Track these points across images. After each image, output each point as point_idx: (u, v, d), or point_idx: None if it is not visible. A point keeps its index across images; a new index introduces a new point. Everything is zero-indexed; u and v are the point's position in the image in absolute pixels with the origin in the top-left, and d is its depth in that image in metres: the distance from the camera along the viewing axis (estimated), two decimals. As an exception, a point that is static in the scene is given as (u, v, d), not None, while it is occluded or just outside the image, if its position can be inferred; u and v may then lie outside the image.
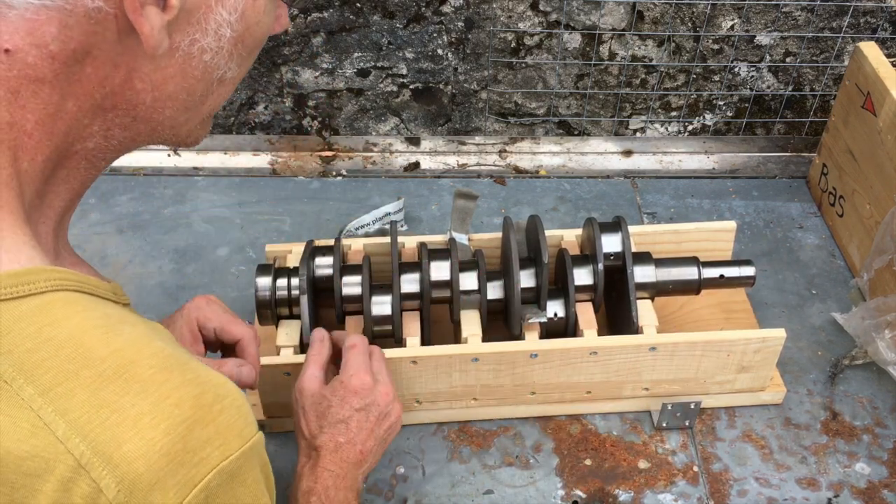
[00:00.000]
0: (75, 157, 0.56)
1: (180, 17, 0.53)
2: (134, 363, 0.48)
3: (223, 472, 0.49)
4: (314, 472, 0.82)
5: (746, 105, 1.47)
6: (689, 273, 1.05)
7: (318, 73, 1.41)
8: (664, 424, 1.05)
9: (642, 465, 1.01)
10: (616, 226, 1.04)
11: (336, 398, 0.85)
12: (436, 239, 1.10)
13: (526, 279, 1.01)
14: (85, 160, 0.57)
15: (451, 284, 1.01)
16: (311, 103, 1.45)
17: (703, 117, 1.49)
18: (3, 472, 0.45)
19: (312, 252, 1.03)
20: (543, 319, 0.99)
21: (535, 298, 1.01)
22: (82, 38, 0.51)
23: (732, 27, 1.36)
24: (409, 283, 1.01)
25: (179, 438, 0.47)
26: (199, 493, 0.48)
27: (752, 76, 1.43)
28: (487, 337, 1.00)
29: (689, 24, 1.36)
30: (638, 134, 1.50)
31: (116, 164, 1.42)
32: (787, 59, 1.41)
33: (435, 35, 1.37)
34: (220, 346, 0.89)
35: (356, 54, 1.38)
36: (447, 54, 1.39)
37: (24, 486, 0.45)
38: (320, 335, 0.93)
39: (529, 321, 0.98)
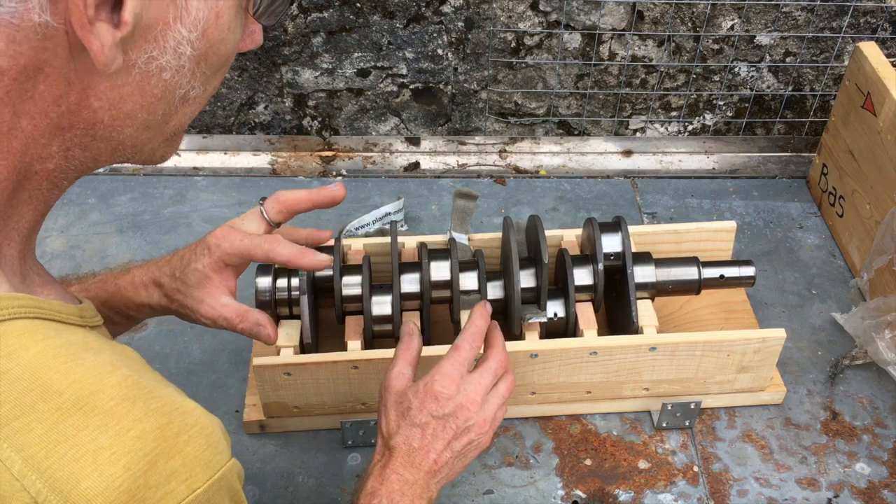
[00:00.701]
0: (36, 178, 0.54)
1: (135, 33, 0.51)
2: (94, 394, 0.47)
3: None
4: (382, 474, 0.78)
5: (746, 105, 1.47)
6: (689, 273, 1.05)
7: (318, 73, 1.41)
8: (664, 424, 1.05)
9: (642, 465, 1.01)
10: (616, 226, 1.04)
11: (416, 400, 0.80)
12: (436, 239, 1.10)
13: (526, 279, 1.01)
14: (46, 181, 0.55)
15: (451, 284, 1.01)
16: (311, 103, 1.45)
17: (703, 117, 1.49)
18: None
19: (312, 252, 1.03)
20: (543, 319, 0.99)
21: (535, 298, 1.01)
22: (32, 53, 0.49)
23: (732, 27, 1.36)
24: (409, 283, 1.01)
25: (141, 473, 0.46)
26: None
27: (752, 76, 1.43)
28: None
29: (689, 24, 1.36)
30: (638, 134, 1.50)
31: (116, 163, 1.42)
32: (787, 59, 1.41)
33: (435, 35, 1.37)
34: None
35: (356, 54, 1.38)
36: (447, 54, 1.39)
37: None
38: (410, 329, 0.87)
39: (529, 321, 0.98)
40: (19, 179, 0.53)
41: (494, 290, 1.03)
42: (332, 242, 1.06)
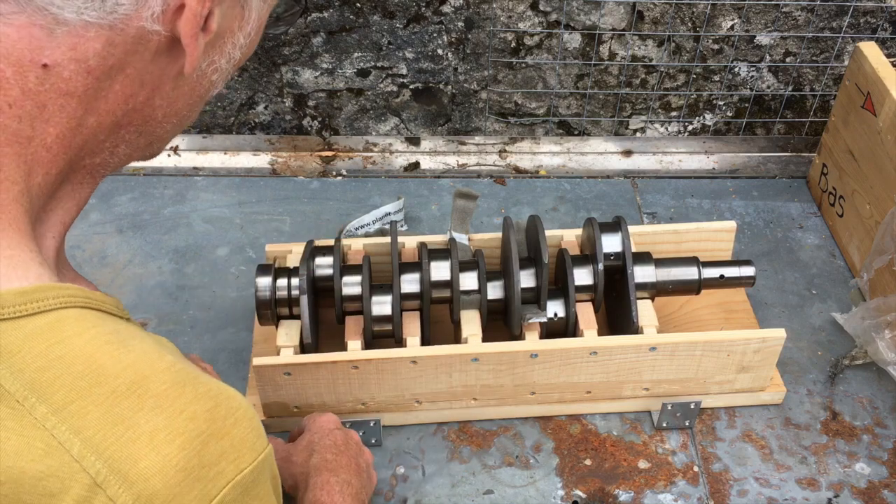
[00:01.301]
0: (81, 172, 0.56)
1: (212, 40, 0.54)
2: (147, 378, 0.48)
3: (238, 485, 0.49)
4: (317, 484, 0.82)
5: (746, 105, 1.47)
6: (689, 273, 1.05)
7: (318, 73, 1.41)
8: (664, 424, 1.05)
9: (642, 465, 1.01)
10: (616, 226, 1.04)
11: (314, 435, 0.89)
12: (436, 239, 1.10)
13: (526, 279, 1.01)
14: (89, 174, 0.57)
15: (451, 284, 1.01)
16: (311, 103, 1.45)
17: (703, 117, 1.49)
18: (18, 493, 0.45)
19: (312, 252, 1.03)
20: (543, 319, 0.99)
21: (535, 298, 1.01)
22: (122, 56, 0.51)
23: (732, 27, 1.36)
24: (409, 283, 1.01)
25: (195, 453, 0.47)
26: None
27: (752, 76, 1.43)
28: (487, 337, 1.00)
29: (689, 24, 1.36)
30: (638, 134, 1.50)
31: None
32: (787, 59, 1.41)
33: (435, 35, 1.37)
34: None
35: (356, 54, 1.38)
36: (447, 54, 1.39)
37: None
38: None
39: (529, 321, 0.98)
40: (67, 172, 0.55)
41: (494, 290, 1.03)
42: (332, 242, 1.06)
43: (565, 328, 1.02)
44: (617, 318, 1.06)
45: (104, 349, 0.48)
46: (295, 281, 1.00)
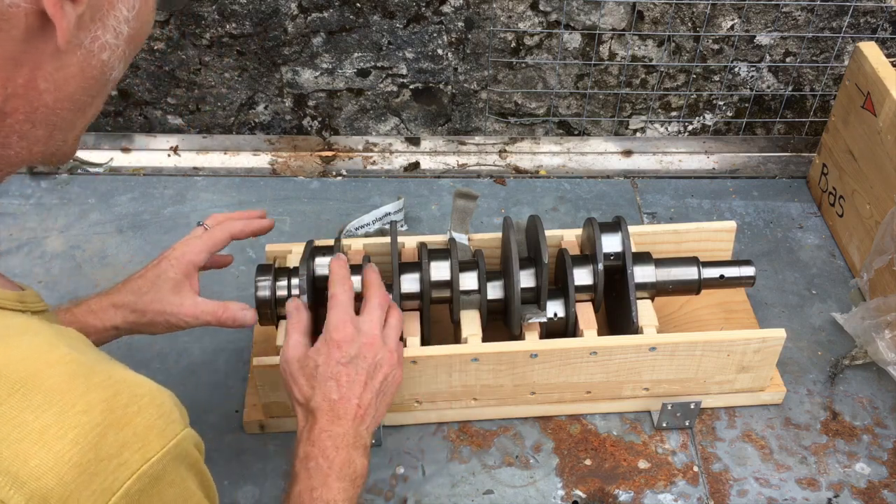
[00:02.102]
0: None
1: (86, 12, 0.51)
2: (34, 374, 0.46)
3: (145, 475, 0.47)
4: (311, 436, 0.79)
5: (746, 105, 1.47)
6: (689, 273, 1.05)
7: (318, 73, 1.41)
8: (664, 424, 1.05)
9: (642, 465, 1.01)
10: (616, 226, 1.04)
11: (321, 356, 0.82)
12: (436, 239, 1.10)
13: (526, 279, 1.01)
14: None
15: (451, 284, 1.01)
16: (311, 103, 1.45)
17: (703, 117, 1.49)
18: None
19: (312, 252, 1.03)
20: (543, 319, 0.99)
21: (535, 298, 1.01)
22: None
23: (732, 27, 1.36)
24: (409, 283, 1.01)
25: (91, 447, 0.45)
26: (120, 501, 0.46)
27: (752, 76, 1.43)
28: (487, 337, 1.00)
29: (689, 24, 1.36)
30: (638, 134, 1.50)
31: (116, 163, 1.42)
32: (787, 59, 1.41)
33: (435, 35, 1.37)
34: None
35: (356, 54, 1.38)
36: (447, 54, 1.39)
37: None
38: (295, 304, 0.92)
39: (529, 321, 0.98)
40: None
41: (494, 290, 1.03)
42: (332, 242, 1.06)
43: (565, 328, 1.02)
44: (617, 318, 1.06)
45: None
46: (295, 281, 1.00)
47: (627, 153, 1.48)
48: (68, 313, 0.88)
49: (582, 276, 1.03)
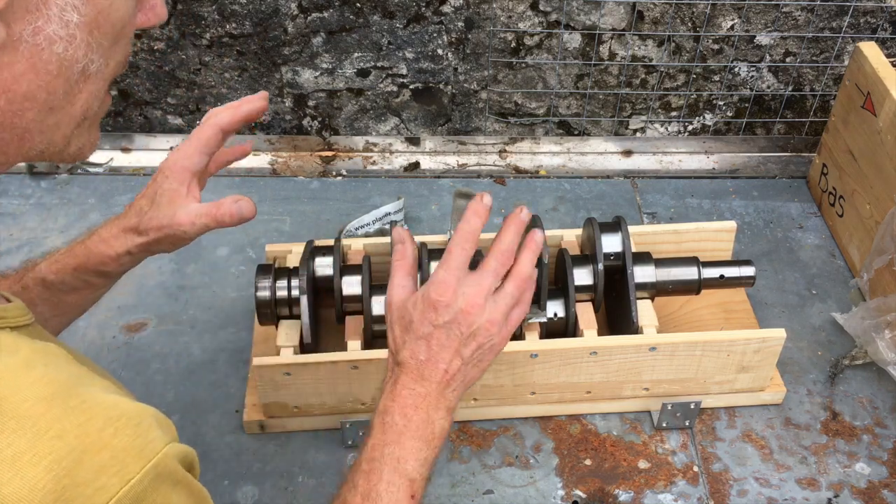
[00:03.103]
0: None
1: (15, 3, 0.48)
2: (6, 398, 0.45)
3: (125, 498, 0.46)
4: (394, 391, 0.76)
5: (746, 105, 1.47)
6: (689, 273, 1.05)
7: (318, 73, 1.41)
8: (664, 424, 1.05)
9: (642, 465, 1.01)
10: (616, 226, 1.04)
11: (417, 312, 0.76)
12: (436, 239, 1.10)
13: (526, 279, 1.00)
14: None
15: (451, 284, 1.01)
16: (311, 103, 1.45)
17: (703, 117, 1.49)
18: None
19: (312, 252, 1.03)
20: (543, 319, 0.99)
21: (535, 298, 1.01)
22: None
23: (732, 27, 1.36)
24: (409, 283, 1.01)
25: (66, 473, 0.44)
26: None
27: (752, 76, 1.43)
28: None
29: (689, 24, 1.36)
30: (638, 134, 1.50)
31: (116, 163, 1.42)
32: (787, 59, 1.41)
33: (435, 35, 1.37)
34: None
35: (356, 54, 1.38)
36: (447, 54, 1.39)
37: None
38: (400, 235, 0.83)
39: (529, 321, 0.98)
40: None
41: (494, 290, 1.03)
42: (332, 242, 1.06)
43: (565, 328, 1.02)
44: (617, 318, 1.06)
45: None
46: (295, 281, 1.00)
47: (627, 153, 1.48)
48: (82, 245, 0.86)
49: (582, 276, 1.03)
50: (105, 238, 0.85)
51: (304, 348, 1.00)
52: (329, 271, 1.02)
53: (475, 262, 1.02)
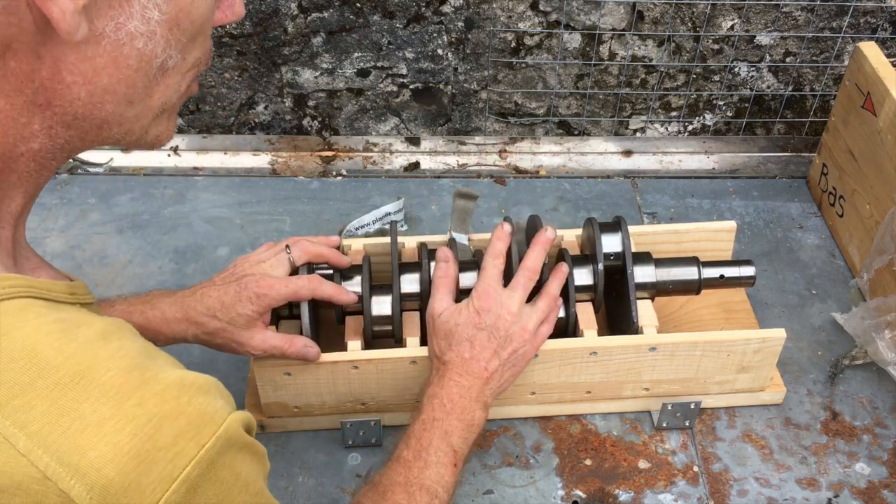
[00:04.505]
0: (22, 160, 0.54)
1: (96, 1, 0.50)
2: (91, 368, 0.48)
3: (202, 461, 0.49)
4: (441, 382, 0.88)
5: (746, 105, 1.47)
6: (689, 273, 1.05)
7: (318, 73, 1.41)
8: (664, 424, 1.05)
9: (642, 465, 1.01)
10: (616, 226, 1.04)
11: (462, 317, 0.91)
12: (436, 239, 1.10)
13: (526, 279, 1.00)
14: (33, 162, 0.55)
15: (451, 284, 1.01)
16: (311, 103, 1.45)
17: (703, 117, 1.49)
18: None
19: (312, 252, 1.03)
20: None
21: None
22: None
23: (732, 27, 1.36)
24: (409, 283, 1.01)
25: (148, 438, 0.47)
26: (180, 487, 0.48)
27: (752, 76, 1.43)
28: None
29: (689, 24, 1.36)
30: (638, 134, 1.50)
31: (116, 163, 1.42)
32: (787, 59, 1.41)
33: (435, 35, 1.37)
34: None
35: (356, 54, 1.38)
36: (447, 54, 1.39)
37: None
38: (445, 255, 0.97)
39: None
40: (5, 161, 0.53)
41: (494, 290, 1.03)
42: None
43: (565, 328, 1.02)
44: (617, 318, 1.06)
45: (45, 340, 0.48)
46: (295, 281, 1.00)
47: (627, 153, 1.48)
48: (141, 312, 0.90)
49: (582, 276, 1.03)
50: (168, 318, 0.90)
51: (304, 348, 1.00)
52: (329, 271, 1.02)
53: (475, 263, 1.03)
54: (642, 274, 1.03)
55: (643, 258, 1.04)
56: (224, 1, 0.60)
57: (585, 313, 1.03)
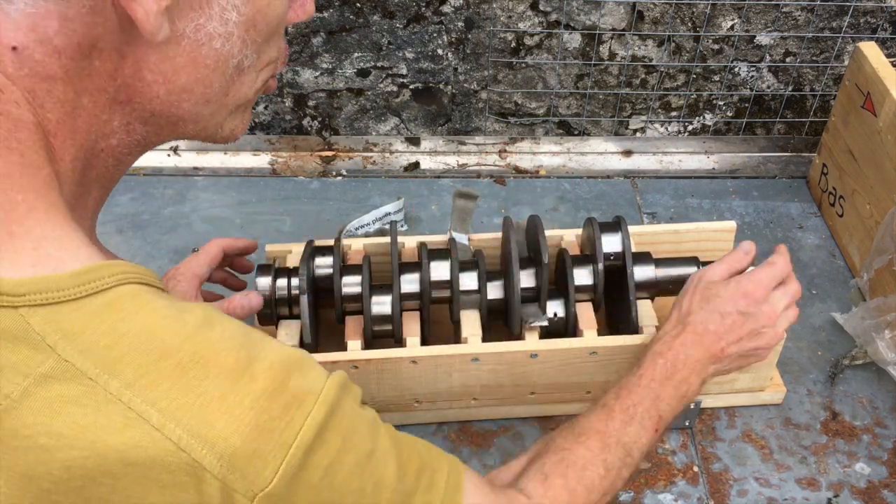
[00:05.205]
0: (102, 155, 0.56)
1: (181, 1, 0.51)
2: (206, 349, 0.51)
3: (312, 426, 0.53)
4: (671, 343, 0.86)
5: (746, 105, 1.47)
6: (689, 273, 1.05)
7: (318, 73, 1.41)
8: (664, 424, 1.05)
9: (642, 464, 1.01)
10: (616, 226, 1.04)
11: (726, 292, 0.88)
12: (436, 239, 1.10)
13: (526, 279, 1.01)
14: (112, 157, 0.57)
15: (451, 284, 1.01)
16: (311, 103, 1.45)
17: (703, 117, 1.49)
18: (104, 464, 0.47)
19: (312, 252, 1.03)
20: (545, 323, 0.99)
21: (535, 298, 1.01)
22: (84, 30, 0.49)
23: (732, 27, 1.36)
24: (409, 283, 1.01)
25: (263, 410, 0.51)
26: (297, 451, 0.52)
27: (752, 76, 1.43)
28: (487, 337, 1.00)
29: (689, 24, 1.36)
30: (638, 134, 1.50)
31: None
32: (787, 59, 1.41)
33: (435, 35, 1.37)
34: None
35: (356, 54, 1.38)
36: (447, 54, 1.39)
37: (126, 475, 0.48)
38: (748, 248, 0.95)
39: (531, 324, 0.98)
40: (88, 157, 0.55)
41: (494, 290, 1.03)
42: (332, 242, 1.06)
43: (565, 328, 1.02)
44: (617, 318, 1.06)
45: (163, 324, 0.50)
46: (295, 281, 1.00)
47: (627, 153, 1.48)
48: None
49: (582, 276, 1.03)
50: None
51: (303, 348, 1.00)
52: (329, 271, 1.02)
53: (474, 262, 1.03)
54: (642, 274, 1.03)
55: (643, 258, 1.04)
56: (296, 0, 0.61)
57: (585, 313, 1.03)
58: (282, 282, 1.01)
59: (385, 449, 0.61)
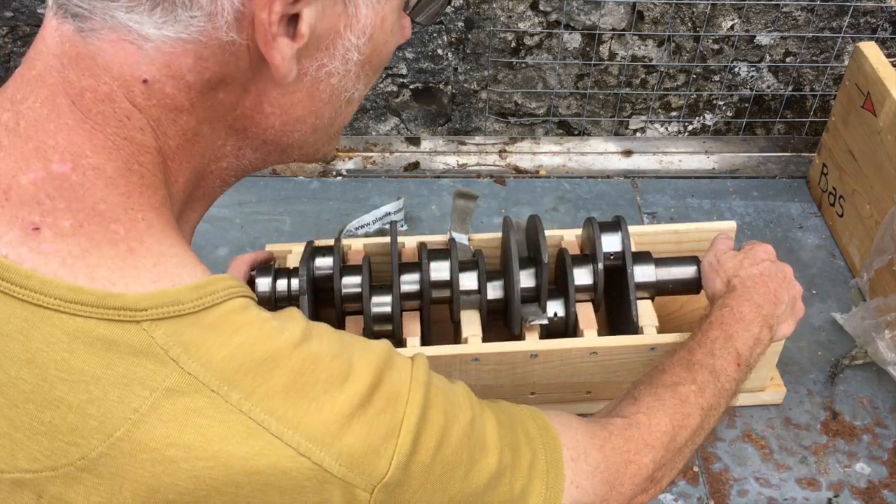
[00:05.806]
0: (210, 177, 0.58)
1: (309, 44, 0.53)
2: (313, 355, 0.53)
3: (413, 411, 0.56)
4: (733, 294, 0.89)
5: (746, 105, 1.47)
6: (689, 272, 1.05)
7: (318, 73, 1.41)
8: (664, 424, 1.05)
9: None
10: (616, 226, 1.04)
11: (748, 253, 0.94)
12: (436, 239, 1.10)
13: (526, 279, 1.01)
14: (219, 178, 0.59)
15: (451, 284, 1.01)
16: (311, 103, 1.45)
17: (703, 117, 1.49)
18: (228, 474, 0.49)
19: (312, 252, 1.03)
20: (544, 321, 0.99)
21: (535, 298, 1.01)
22: (216, 67, 0.51)
23: (732, 27, 1.36)
24: (409, 283, 1.01)
25: (370, 406, 0.53)
26: (406, 437, 0.54)
27: (752, 76, 1.43)
28: (487, 337, 1.00)
29: (689, 24, 1.36)
30: (638, 134, 1.50)
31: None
32: (787, 59, 1.41)
33: (435, 35, 1.37)
34: None
35: (356, 54, 1.38)
36: (447, 54, 1.39)
37: (249, 483, 0.49)
38: (724, 234, 1.01)
39: (531, 322, 0.98)
40: (198, 178, 0.57)
41: (494, 290, 1.03)
42: (332, 242, 1.06)
43: (565, 328, 1.02)
44: (617, 318, 1.06)
45: (272, 334, 0.52)
46: (295, 281, 1.00)
47: (627, 153, 1.48)
48: None
49: (582, 275, 1.03)
50: None
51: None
52: (329, 271, 1.02)
53: (474, 262, 1.03)
54: (642, 273, 1.03)
55: (643, 258, 1.04)
56: (404, 31, 0.63)
57: (585, 313, 1.03)
58: (282, 282, 1.01)
59: (481, 413, 0.63)
